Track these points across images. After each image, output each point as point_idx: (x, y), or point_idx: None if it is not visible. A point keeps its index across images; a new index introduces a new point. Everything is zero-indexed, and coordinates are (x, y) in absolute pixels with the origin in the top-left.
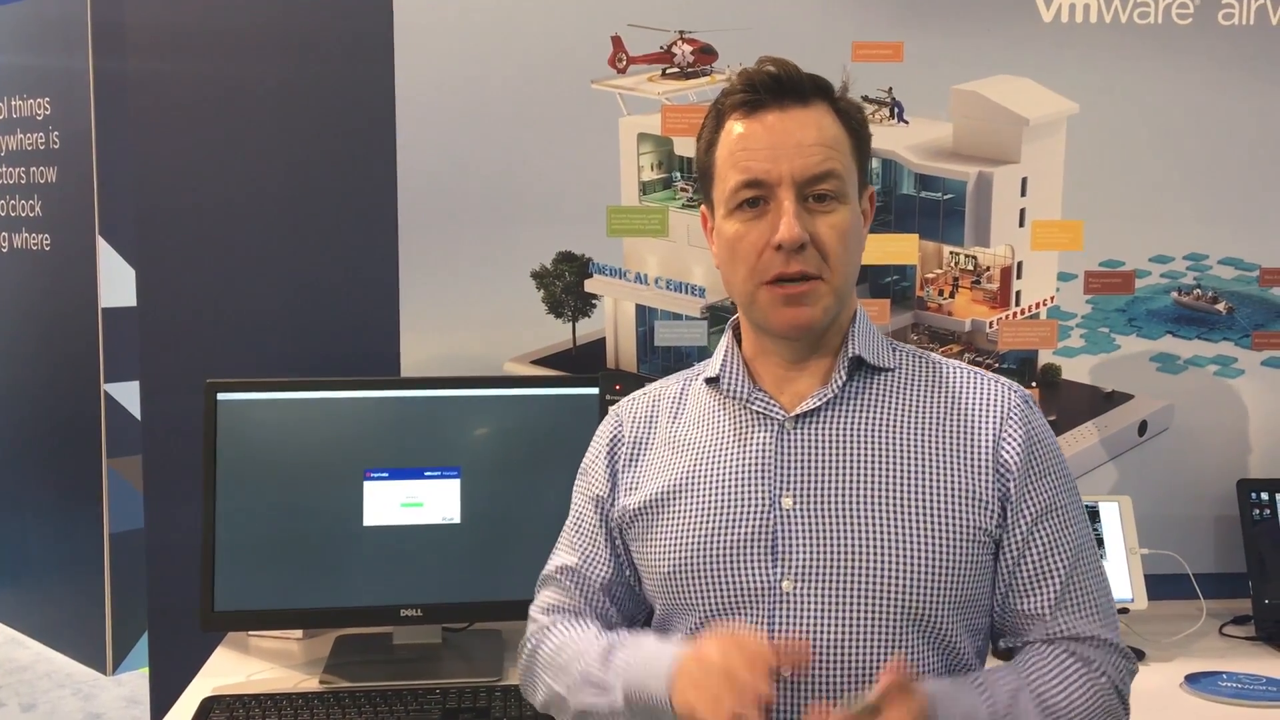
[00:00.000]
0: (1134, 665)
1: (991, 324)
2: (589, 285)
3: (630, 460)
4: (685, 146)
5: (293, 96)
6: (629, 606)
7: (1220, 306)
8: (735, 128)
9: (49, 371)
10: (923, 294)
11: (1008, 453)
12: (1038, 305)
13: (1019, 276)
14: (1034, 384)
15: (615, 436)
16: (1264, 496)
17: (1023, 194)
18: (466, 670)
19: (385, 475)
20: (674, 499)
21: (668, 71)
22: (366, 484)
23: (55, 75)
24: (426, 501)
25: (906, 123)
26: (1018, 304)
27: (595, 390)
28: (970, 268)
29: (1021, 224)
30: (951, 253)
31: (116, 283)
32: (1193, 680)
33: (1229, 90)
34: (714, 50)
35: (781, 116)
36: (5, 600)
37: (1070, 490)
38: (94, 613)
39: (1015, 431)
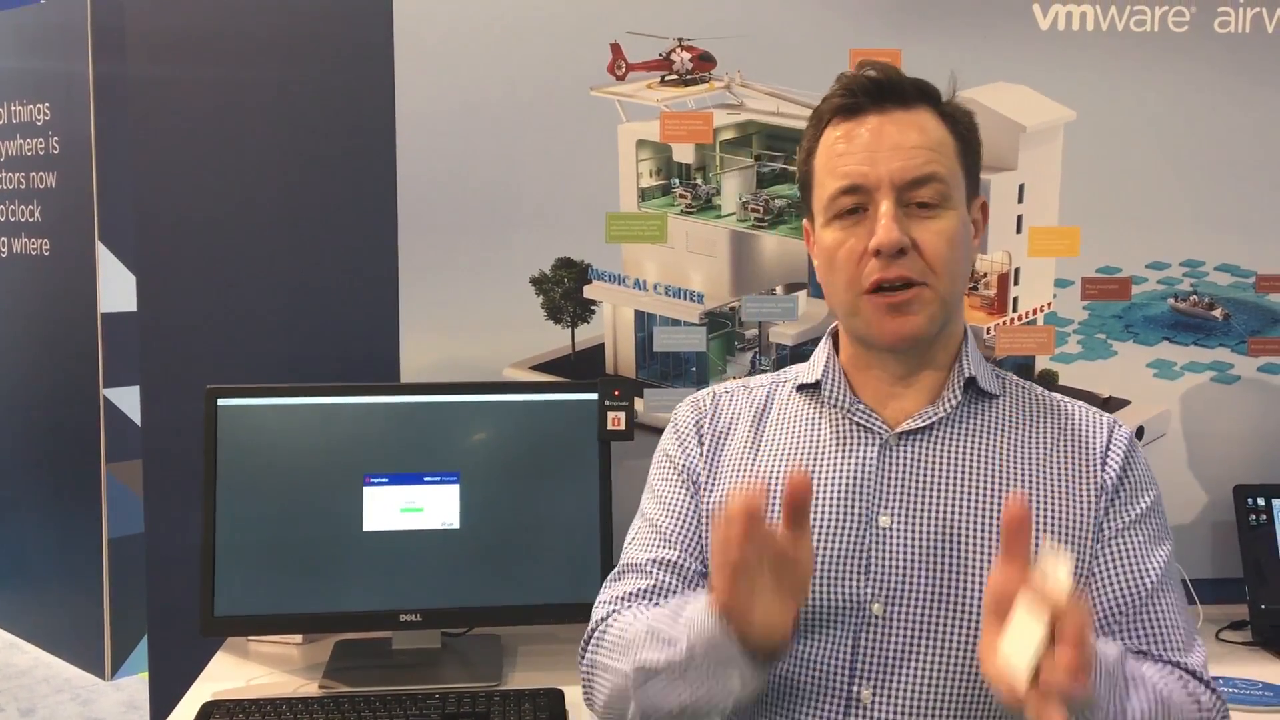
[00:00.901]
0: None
1: (989, 330)
2: (588, 291)
3: (712, 452)
4: (684, 153)
5: (293, 102)
6: None
7: (1216, 313)
8: (834, 133)
9: (48, 377)
10: None
11: (1108, 475)
12: (1035, 311)
13: (1016, 283)
14: None
15: (699, 422)
16: (1260, 502)
17: (1020, 200)
18: (466, 675)
19: (385, 480)
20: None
21: (666, 79)
22: (366, 489)
23: (55, 80)
24: (426, 507)
25: None
26: (1015, 310)
27: (594, 396)
28: None
29: (1019, 230)
30: None
31: (116, 288)
32: None
33: (1225, 97)
34: (713, 58)
35: (882, 120)
36: (4, 605)
37: (1162, 521)
38: (93, 618)
39: (1117, 455)
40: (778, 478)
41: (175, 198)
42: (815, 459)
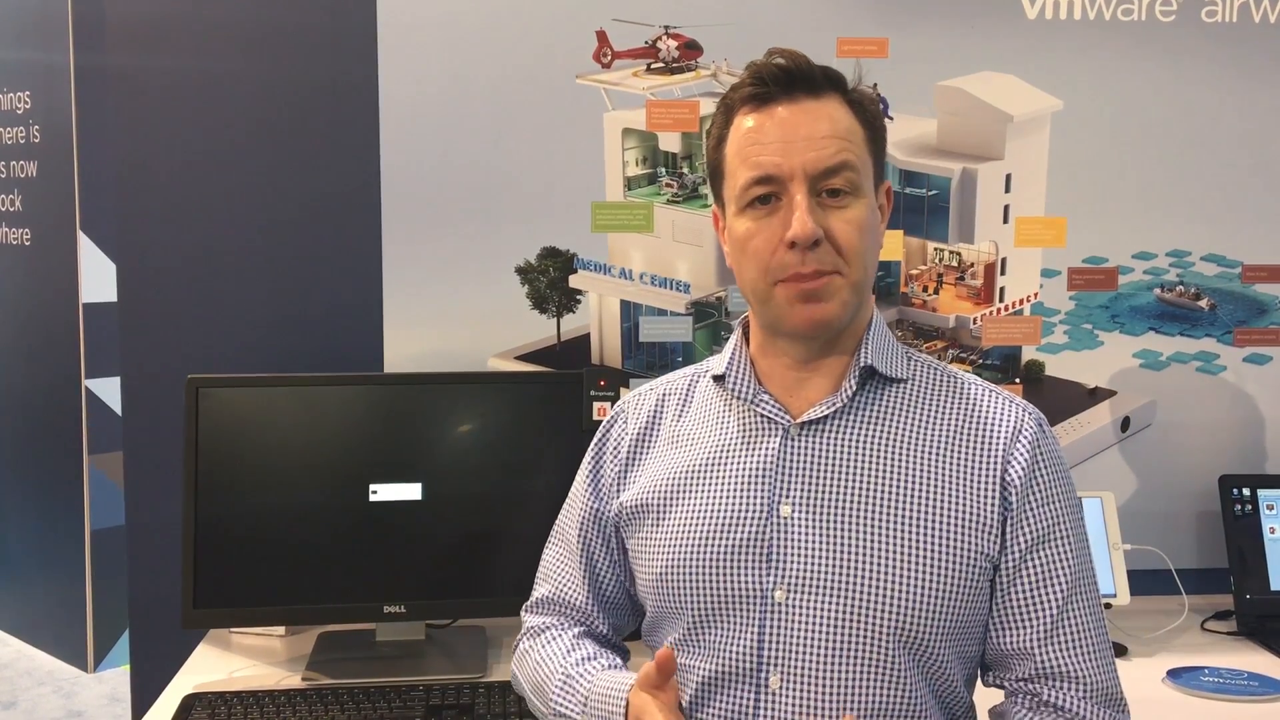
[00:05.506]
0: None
1: (975, 320)
2: (573, 281)
3: (631, 456)
4: (670, 142)
5: (276, 91)
6: (617, 616)
7: (1203, 303)
8: (744, 122)
9: (29, 367)
10: (907, 290)
11: (1012, 473)
12: (1021, 302)
13: (1003, 273)
14: (1017, 380)
15: (603, 440)
16: (1245, 492)
17: (1007, 190)
18: (450, 667)
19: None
20: (674, 498)
21: (652, 66)
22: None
23: (36, 69)
24: (410, 498)
25: (891, 119)
26: (1001, 300)
27: (580, 386)
28: (954, 264)
29: (1005, 220)
30: (936, 249)
31: (97, 278)
32: (1174, 675)
33: (1212, 87)
34: (699, 45)
35: (792, 109)
36: None
37: (1074, 521)
38: (75, 610)
39: (1022, 452)
40: (691, 473)
41: (157, 187)
42: (722, 451)
